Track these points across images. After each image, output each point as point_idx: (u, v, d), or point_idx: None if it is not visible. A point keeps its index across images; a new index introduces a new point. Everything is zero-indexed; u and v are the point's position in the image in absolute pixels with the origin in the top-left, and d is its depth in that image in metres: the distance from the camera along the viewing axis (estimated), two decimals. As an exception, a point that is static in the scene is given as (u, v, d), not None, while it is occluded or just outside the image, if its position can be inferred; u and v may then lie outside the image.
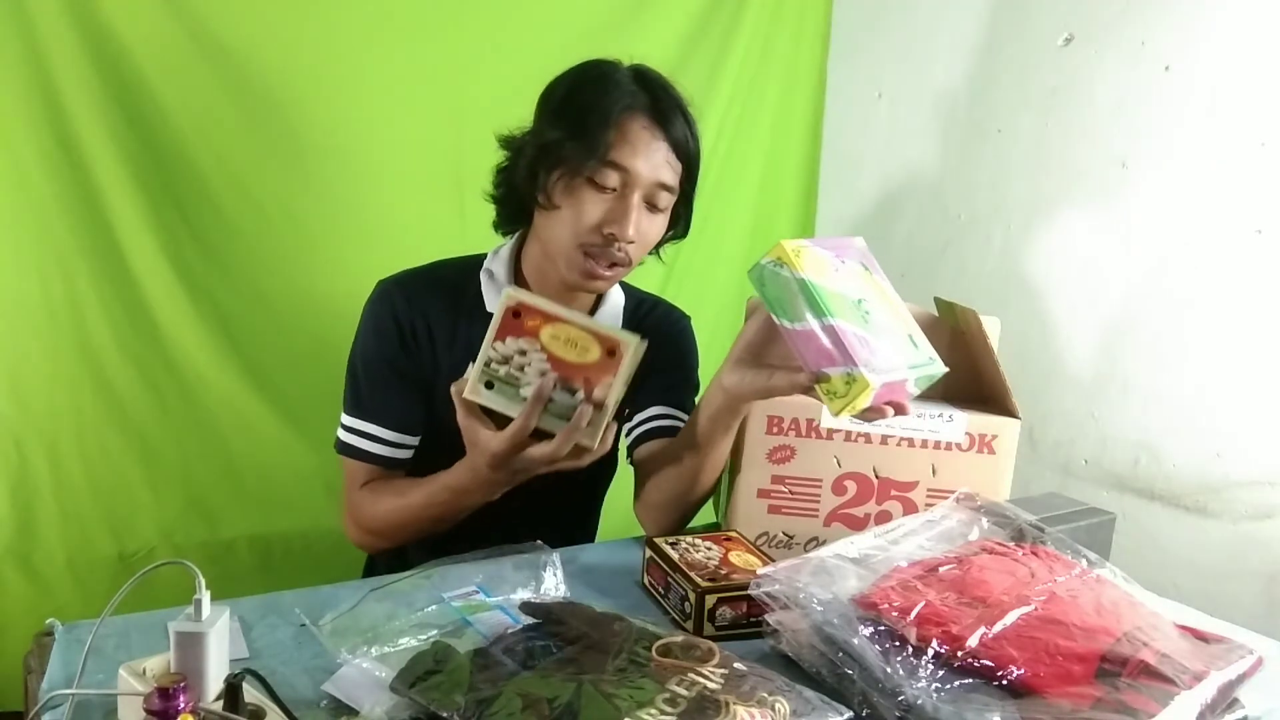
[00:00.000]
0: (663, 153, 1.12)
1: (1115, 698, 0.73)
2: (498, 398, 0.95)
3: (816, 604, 0.82)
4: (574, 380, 0.93)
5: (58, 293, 1.50)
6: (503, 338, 0.95)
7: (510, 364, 0.94)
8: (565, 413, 0.93)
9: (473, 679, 0.74)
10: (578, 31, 1.77)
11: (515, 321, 0.94)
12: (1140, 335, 1.59)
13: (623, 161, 1.09)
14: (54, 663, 0.82)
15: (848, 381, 0.89)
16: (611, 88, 1.12)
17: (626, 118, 1.10)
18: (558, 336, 0.93)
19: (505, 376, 0.95)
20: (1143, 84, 1.57)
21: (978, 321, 1.12)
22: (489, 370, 0.95)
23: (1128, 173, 1.60)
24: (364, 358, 1.20)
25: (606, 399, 0.93)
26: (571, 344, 0.93)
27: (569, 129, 1.11)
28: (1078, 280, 1.68)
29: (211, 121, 1.56)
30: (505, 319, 0.94)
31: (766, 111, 2.11)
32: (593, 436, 0.94)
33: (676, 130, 1.13)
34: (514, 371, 0.94)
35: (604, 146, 1.09)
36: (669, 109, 1.13)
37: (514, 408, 0.94)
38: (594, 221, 1.10)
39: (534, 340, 0.94)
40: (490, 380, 0.95)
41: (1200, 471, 1.51)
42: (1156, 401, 1.57)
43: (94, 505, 1.57)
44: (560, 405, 0.93)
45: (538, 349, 0.94)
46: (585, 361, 0.93)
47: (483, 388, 0.95)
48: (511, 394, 0.95)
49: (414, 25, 1.68)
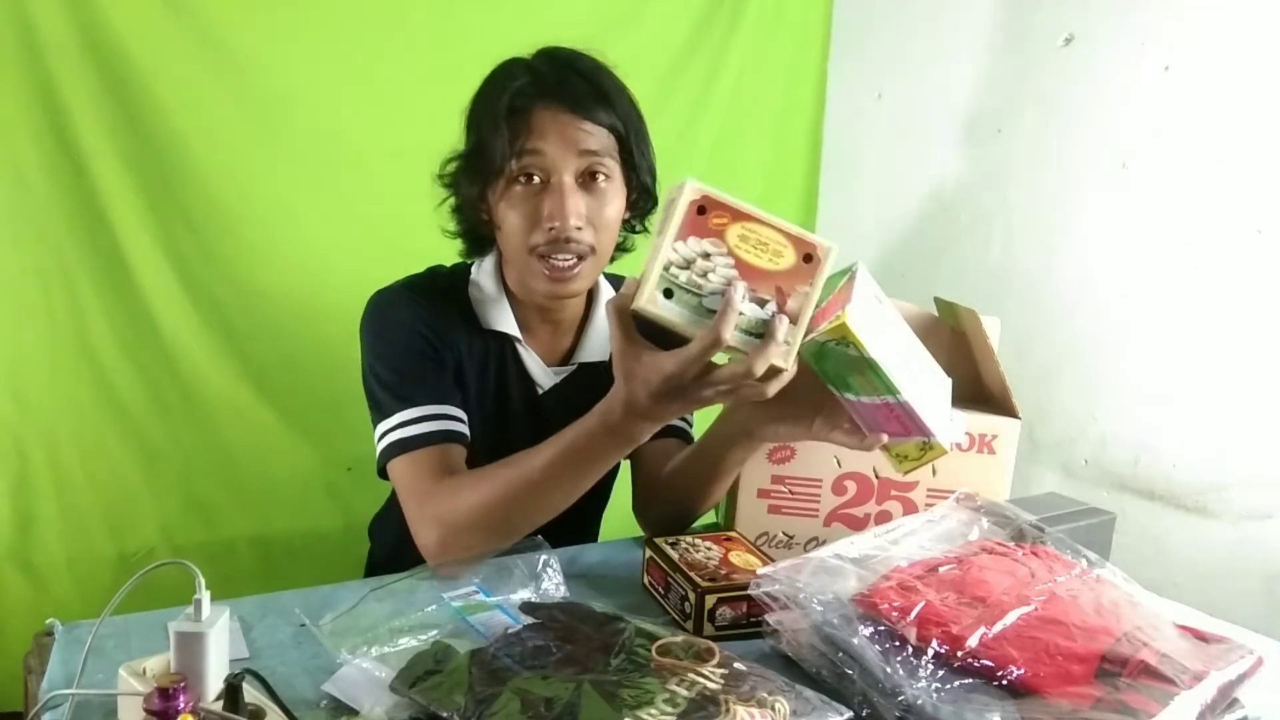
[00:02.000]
0: (574, 125, 1.05)
1: (1115, 698, 0.73)
2: (677, 308, 0.80)
3: (816, 604, 0.82)
4: (764, 290, 0.80)
5: (58, 293, 1.51)
6: (685, 237, 0.80)
7: (693, 268, 0.80)
8: (752, 328, 0.80)
9: (472, 679, 0.73)
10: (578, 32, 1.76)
11: (700, 219, 0.80)
12: (1140, 335, 1.59)
13: (533, 146, 1.04)
14: (54, 663, 0.82)
15: (923, 448, 0.90)
16: (506, 85, 1.08)
17: (522, 105, 1.05)
18: (746, 238, 0.80)
19: (687, 283, 0.80)
20: (1143, 84, 1.57)
21: (978, 321, 1.12)
22: (668, 275, 0.80)
23: (1128, 173, 1.60)
24: (387, 355, 1.12)
25: (803, 310, 0.81)
26: (762, 247, 0.80)
27: (476, 143, 1.08)
28: (1078, 280, 1.68)
29: (211, 121, 1.56)
30: (689, 215, 0.80)
31: (766, 111, 2.11)
32: (787, 356, 0.81)
33: (581, 101, 1.06)
34: (696, 278, 0.80)
35: (509, 140, 1.04)
36: (566, 81, 1.07)
37: (693, 320, 0.80)
38: (530, 219, 1.06)
39: (720, 241, 0.80)
40: (669, 288, 0.80)
41: (1200, 471, 1.51)
42: (1156, 401, 1.57)
43: (94, 505, 1.57)
44: (747, 319, 0.80)
45: (724, 252, 0.80)
46: (777, 268, 0.80)
47: (661, 296, 0.80)
48: (694, 304, 0.80)
49: (414, 26, 1.68)
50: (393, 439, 1.06)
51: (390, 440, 1.07)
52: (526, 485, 0.97)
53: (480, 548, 1.00)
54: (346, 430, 1.63)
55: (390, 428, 1.07)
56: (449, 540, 1.00)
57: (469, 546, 1.00)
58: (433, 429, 1.06)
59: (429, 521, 1.01)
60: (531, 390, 1.19)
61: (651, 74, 1.90)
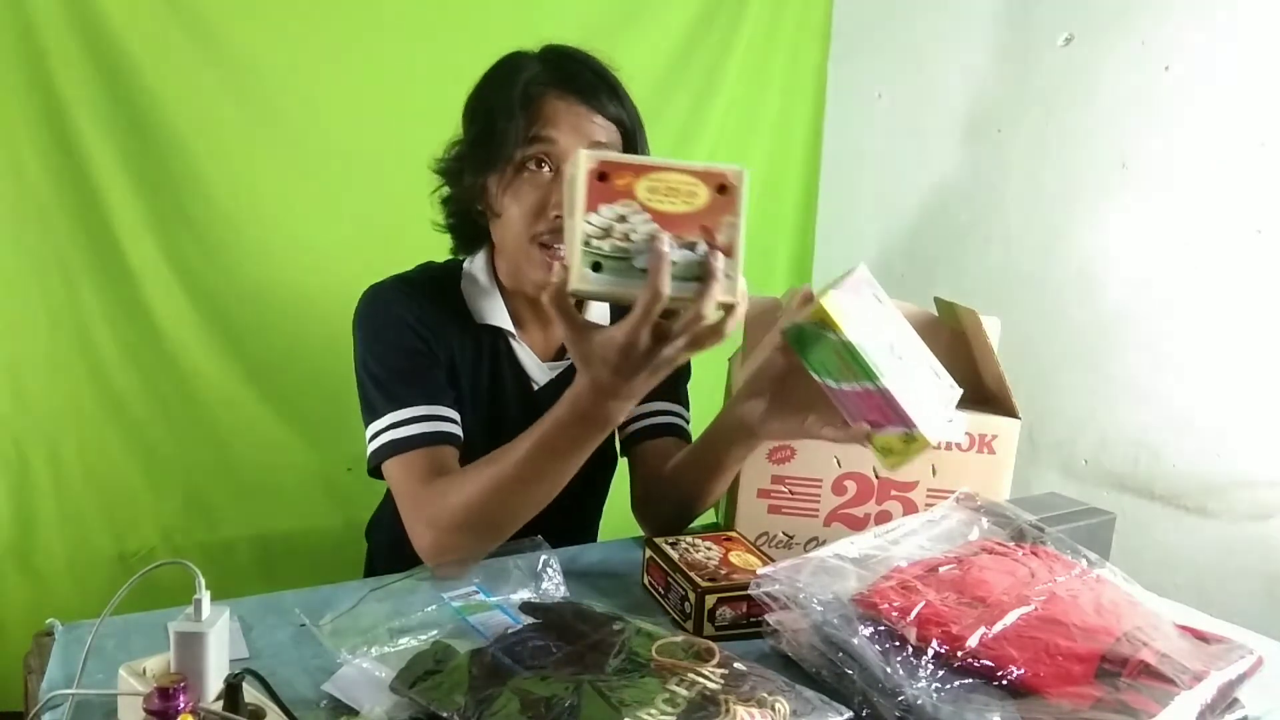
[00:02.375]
0: (586, 116, 1.06)
1: (1115, 698, 0.73)
2: (610, 276, 0.78)
3: (816, 604, 0.82)
4: (689, 232, 0.78)
5: (58, 293, 1.51)
6: (594, 207, 0.78)
7: (613, 235, 0.78)
8: (689, 273, 0.78)
9: (472, 679, 0.73)
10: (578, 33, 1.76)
11: (603, 185, 0.78)
12: (1140, 335, 1.59)
13: (544, 133, 1.04)
14: (54, 663, 0.82)
15: (906, 440, 0.89)
16: (514, 73, 1.08)
17: (536, 94, 1.06)
18: (655, 189, 0.79)
19: (612, 251, 0.78)
20: (1143, 84, 1.57)
21: (978, 321, 1.12)
22: (591, 250, 0.78)
23: (1128, 173, 1.60)
24: (380, 353, 1.12)
25: (734, 241, 0.79)
26: (674, 192, 0.79)
27: (484, 130, 1.08)
28: (1078, 280, 1.68)
29: (211, 121, 1.56)
30: (591, 185, 0.78)
31: (767, 112, 2.11)
32: (732, 290, 0.79)
33: (593, 93, 1.07)
34: (619, 242, 0.78)
35: (520, 128, 1.04)
36: (578, 74, 1.08)
37: (630, 285, 0.79)
38: (536, 207, 1.05)
39: (630, 201, 0.78)
40: (596, 261, 0.78)
41: (1200, 471, 1.51)
42: (1156, 401, 1.57)
43: (94, 505, 1.57)
44: (681, 266, 0.78)
45: (637, 209, 0.78)
46: (695, 208, 0.79)
47: (590, 272, 0.78)
48: (625, 268, 0.78)
49: (414, 26, 1.68)
50: (384, 440, 1.06)
51: (382, 441, 1.06)
52: (508, 482, 0.95)
53: (473, 547, 0.99)
54: (346, 430, 1.63)
55: (382, 428, 1.06)
56: (442, 542, 1.00)
57: (462, 547, 0.99)
58: (424, 430, 1.05)
59: (421, 525, 1.01)
60: (526, 385, 1.19)
61: (651, 74, 1.90)
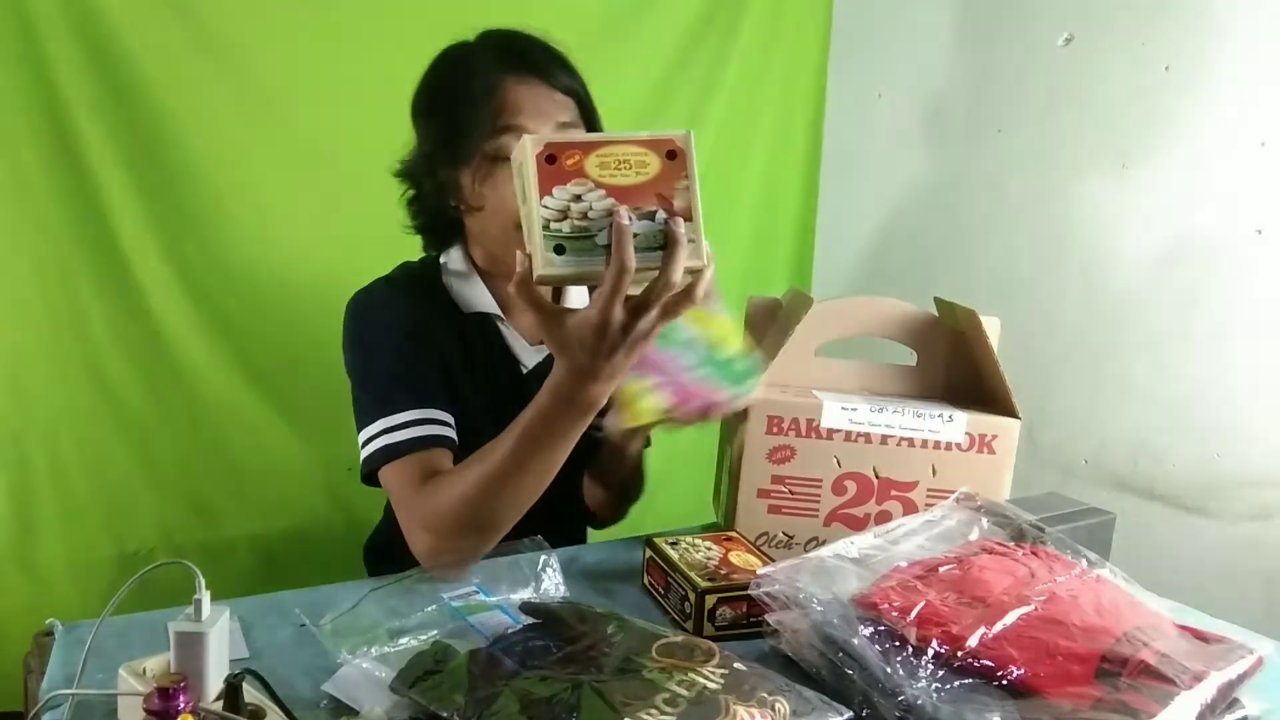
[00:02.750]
0: (547, 96, 1.07)
1: (1115, 698, 0.73)
2: (575, 257, 0.78)
3: (816, 604, 0.82)
4: (646, 203, 0.79)
5: (58, 293, 1.51)
6: (548, 191, 0.78)
7: (570, 215, 0.78)
8: (653, 242, 0.79)
9: (472, 679, 0.73)
10: (578, 33, 1.76)
11: (552, 168, 0.78)
12: (1140, 335, 1.59)
13: (515, 121, 1.05)
14: (54, 663, 0.82)
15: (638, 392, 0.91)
16: (468, 65, 1.08)
17: (496, 83, 1.06)
18: (606, 164, 0.79)
19: (572, 231, 0.78)
20: (1143, 84, 1.57)
21: (978, 321, 1.12)
22: (551, 234, 0.78)
23: (1128, 173, 1.60)
24: (372, 359, 1.12)
25: (691, 204, 0.80)
26: (625, 165, 0.79)
27: (447, 126, 1.07)
28: (1078, 280, 1.68)
29: (211, 121, 1.56)
30: (541, 169, 0.78)
31: (767, 112, 2.11)
32: (698, 253, 0.80)
33: (549, 73, 1.08)
34: (578, 222, 0.78)
35: (489, 119, 1.04)
36: (530, 54, 1.09)
37: (597, 261, 0.78)
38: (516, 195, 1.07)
39: (583, 179, 0.78)
40: (559, 244, 0.78)
41: (1200, 471, 1.51)
42: (1156, 401, 1.57)
43: (94, 505, 1.57)
44: (645, 236, 0.78)
45: (591, 186, 0.78)
46: (648, 177, 0.79)
47: (553, 255, 0.78)
48: (589, 247, 0.78)
49: (414, 26, 1.67)
50: (377, 445, 1.05)
51: (375, 447, 1.05)
52: (496, 477, 0.93)
53: (469, 547, 0.98)
54: (346, 430, 1.62)
55: (375, 434, 1.06)
56: (438, 545, 0.98)
57: (458, 548, 0.98)
58: (417, 434, 1.04)
59: (418, 529, 1.00)
60: (516, 369, 1.19)
61: (651, 75, 1.90)
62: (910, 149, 2.01)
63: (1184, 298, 1.53)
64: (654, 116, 1.92)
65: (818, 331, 1.17)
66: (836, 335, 1.18)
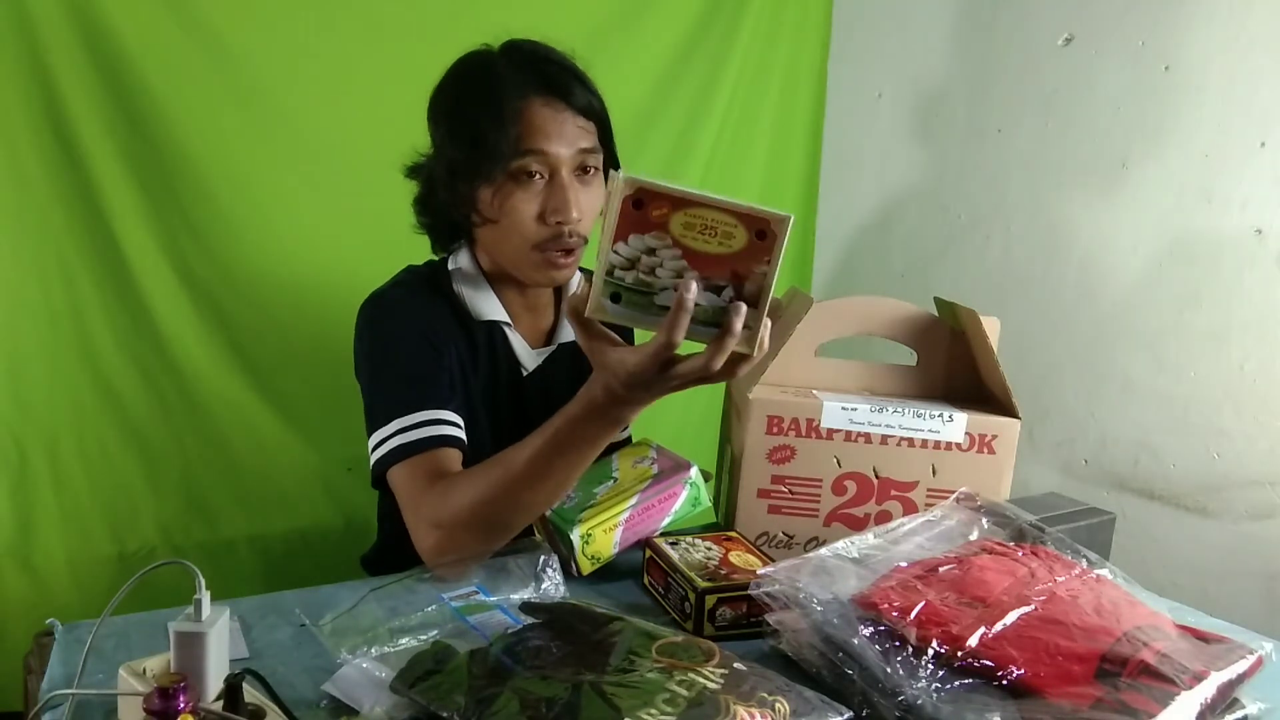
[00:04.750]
0: (571, 120, 1.09)
1: (1115, 698, 0.73)
2: (628, 310, 0.78)
3: (816, 604, 0.82)
4: (718, 276, 0.76)
5: (58, 293, 1.51)
6: (624, 236, 0.76)
7: (638, 267, 0.77)
8: (712, 317, 0.77)
9: (472, 679, 0.73)
10: (578, 33, 1.77)
11: (637, 214, 0.75)
12: (1140, 335, 1.59)
13: (538, 146, 1.07)
14: (54, 663, 0.82)
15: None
16: (493, 81, 1.09)
17: (521, 105, 1.07)
18: (691, 225, 0.76)
19: (635, 284, 0.77)
20: (1143, 84, 1.57)
21: (978, 321, 1.12)
22: (613, 281, 0.77)
23: (1128, 173, 1.60)
24: (385, 360, 1.12)
25: (762, 291, 0.77)
26: (710, 231, 0.76)
27: (471, 141, 1.08)
28: (1078, 280, 1.68)
29: (211, 120, 1.56)
30: (625, 212, 0.75)
31: (767, 111, 2.11)
32: (751, 342, 0.78)
33: (574, 94, 1.10)
34: (644, 276, 0.77)
35: (512, 142, 1.06)
36: (556, 76, 1.10)
37: (650, 320, 0.78)
38: (535, 216, 1.08)
39: (663, 234, 0.76)
40: (616, 292, 0.77)
41: (1200, 471, 1.51)
42: (1156, 401, 1.57)
43: (94, 505, 1.57)
44: (706, 309, 0.77)
45: (669, 244, 0.76)
46: (730, 250, 0.76)
47: (608, 302, 0.78)
48: (645, 304, 0.77)
49: (414, 26, 1.68)
50: (391, 446, 1.05)
51: (388, 448, 1.06)
52: (517, 480, 0.94)
53: (476, 547, 0.99)
54: (346, 430, 1.63)
55: (388, 434, 1.06)
56: (445, 543, 0.99)
57: (465, 547, 0.99)
58: (429, 434, 1.05)
59: (424, 526, 1.01)
60: (517, 372, 1.21)
61: (651, 75, 1.90)
62: (910, 149, 2.01)
63: (1184, 298, 1.53)
64: (654, 117, 1.92)
65: (818, 331, 1.17)
66: (836, 335, 1.18)
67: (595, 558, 1.03)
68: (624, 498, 1.05)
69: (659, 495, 1.07)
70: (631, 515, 1.05)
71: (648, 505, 1.06)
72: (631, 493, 1.06)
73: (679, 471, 1.09)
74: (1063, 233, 1.70)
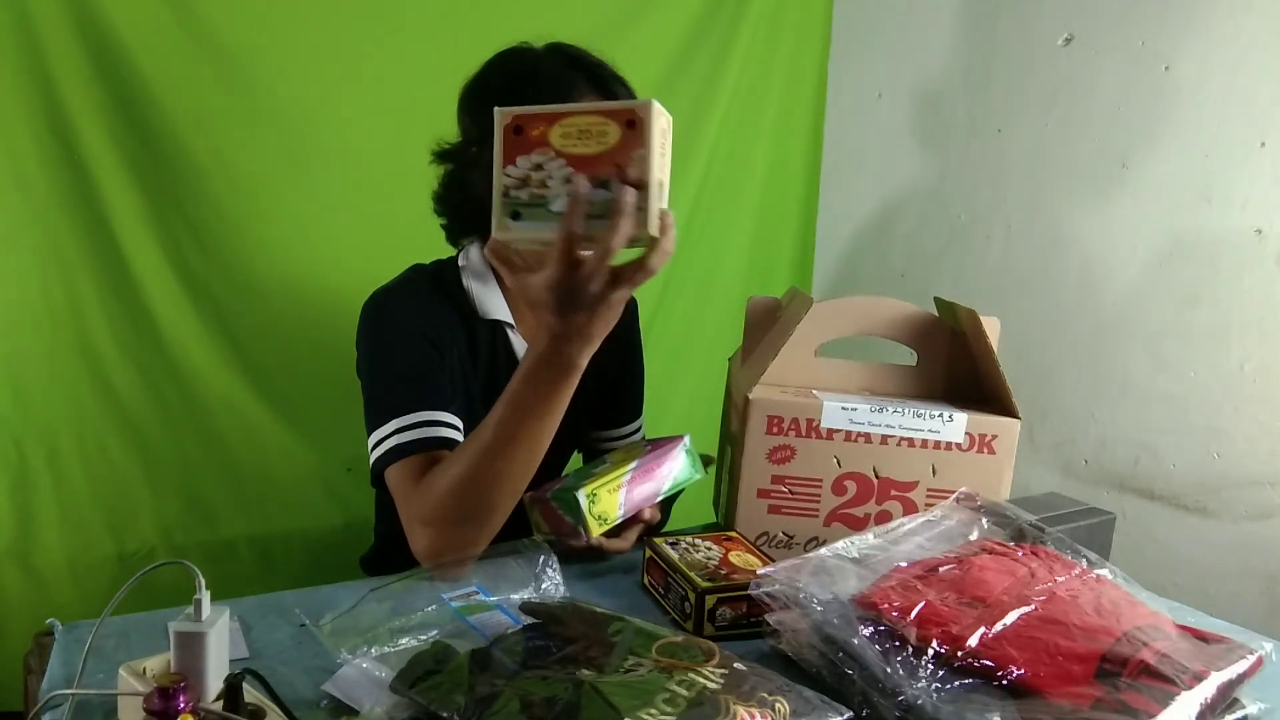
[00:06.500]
0: None
1: (1115, 698, 0.73)
2: (530, 224, 0.83)
3: (816, 604, 0.82)
4: (603, 171, 0.81)
5: (58, 293, 1.51)
6: (512, 160, 0.83)
7: (530, 184, 0.82)
8: (606, 210, 0.81)
9: (472, 679, 0.73)
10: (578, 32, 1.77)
11: (518, 138, 0.82)
12: (1140, 335, 1.59)
13: None
14: (54, 663, 0.82)
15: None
16: (545, 79, 1.11)
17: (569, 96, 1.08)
18: (569, 134, 0.81)
19: (530, 199, 0.82)
20: (1143, 84, 1.57)
21: (978, 321, 1.12)
22: (510, 200, 0.83)
23: (1128, 173, 1.60)
24: (387, 361, 1.13)
25: (644, 174, 0.80)
26: (585, 135, 0.81)
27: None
28: (1078, 280, 1.68)
29: (211, 121, 1.56)
30: (507, 139, 0.83)
31: (767, 111, 2.11)
32: (644, 222, 0.81)
33: (616, 91, 1.12)
34: (536, 191, 0.82)
35: None
36: (607, 78, 1.12)
37: (553, 228, 0.82)
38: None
39: (545, 149, 0.82)
40: (515, 210, 0.83)
41: (1200, 471, 1.51)
42: (1156, 401, 1.57)
43: (94, 505, 1.57)
44: (599, 204, 0.81)
45: (552, 156, 0.82)
46: (608, 147, 0.81)
47: (510, 220, 0.83)
48: (543, 214, 0.82)
49: (414, 25, 1.68)
50: (388, 446, 1.06)
51: (386, 448, 1.06)
52: (489, 449, 0.95)
53: (466, 535, 0.98)
54: (346, 430, 1.63)
55: (386, 434, 1.07)
56: (436, 539, 0.99)
57: (455, 539, 0.98)
58: (426, 435, 1.06)
59: (416, 525, 1.01)
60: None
61: (652, 75, 1.90)
62: (910, 149, 2.01)
63: (1184, 298, 1.53)
64: (654, 117, 1.92)
65: (818, 331, 1.17)
66: (836, 335, 1.18)
67: (602, 518, 1.03)
68: (623, 465, 1.08)
69: (656, 458, 1.10)
70: (633, 476, 1.07)
71: (648, 467, 1.09)
72: (630, 459, 1.09)
73: (674, 441, 1.14)
74: (1063, 233, 1.70)
